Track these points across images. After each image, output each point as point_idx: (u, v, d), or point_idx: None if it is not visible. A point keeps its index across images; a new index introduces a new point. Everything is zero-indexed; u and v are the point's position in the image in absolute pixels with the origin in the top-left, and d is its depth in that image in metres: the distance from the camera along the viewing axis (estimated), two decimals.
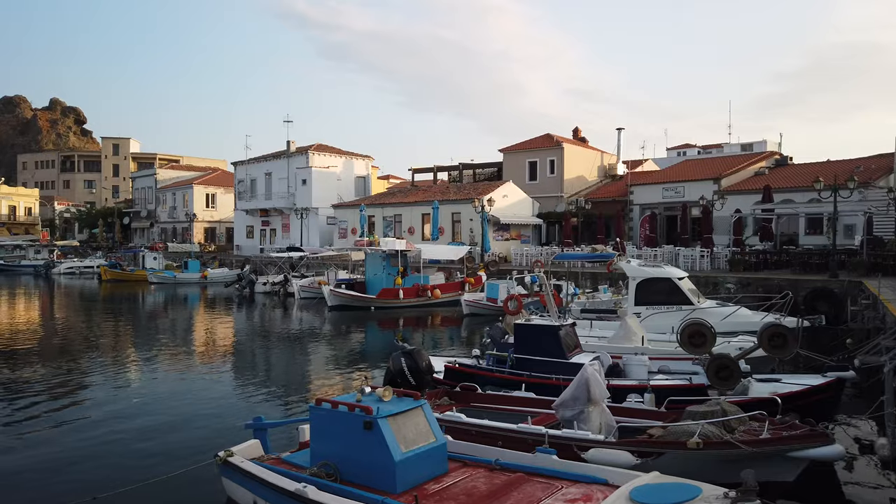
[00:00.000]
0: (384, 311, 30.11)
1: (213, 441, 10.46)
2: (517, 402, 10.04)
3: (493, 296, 28.02)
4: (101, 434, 11.09)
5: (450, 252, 34.44)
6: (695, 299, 17.29)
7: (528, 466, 7.08)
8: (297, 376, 17.20)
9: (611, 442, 7.77)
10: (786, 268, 30.52)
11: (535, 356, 11.52)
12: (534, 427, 8.05)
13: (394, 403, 7.12)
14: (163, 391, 14.61)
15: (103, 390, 14.63)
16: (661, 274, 17.38)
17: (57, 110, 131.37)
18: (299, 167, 56.65)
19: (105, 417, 12.20)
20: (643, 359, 12.16)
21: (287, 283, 36.72)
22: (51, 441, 10.81)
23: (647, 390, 9.85)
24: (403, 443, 6.74)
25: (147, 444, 10.51)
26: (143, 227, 80.00)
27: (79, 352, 20.35)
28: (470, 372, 11.60)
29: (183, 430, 11.45)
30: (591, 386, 8.46)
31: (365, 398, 7.26)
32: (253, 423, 8.51)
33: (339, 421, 7.00)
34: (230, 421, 11.83)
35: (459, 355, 15.78)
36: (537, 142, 54.29)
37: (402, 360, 10.22)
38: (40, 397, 13.84)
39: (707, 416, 7.76)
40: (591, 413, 8.49)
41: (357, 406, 6.92)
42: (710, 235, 35.05)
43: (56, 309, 34.70)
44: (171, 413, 12.52)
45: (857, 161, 43.58)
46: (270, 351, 21.49)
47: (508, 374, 11.24)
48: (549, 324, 11.64)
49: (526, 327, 11.73)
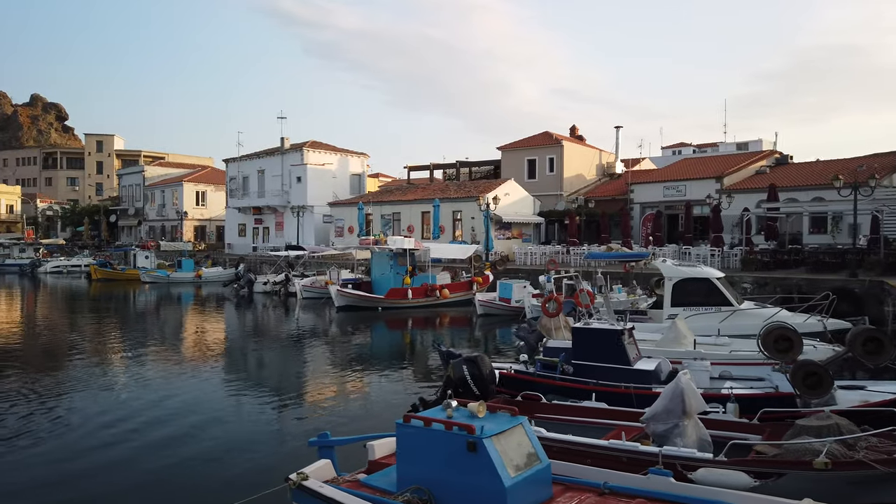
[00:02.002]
0: (392, 311, 29.29)
1: (269, 460, 9.74)
2: (588, 413, 9.30)
3: (505, 296, 27.35)
4: (144, 462, 9.98)
5: (458, 251, 33.69)
6: (734, 300, 16.67)
7: (643, 490, 6.36)
8: (327, 383, 16.10)
9: (722, 461, 7.06)
10: (797, 267, 30.07)
11: (595, 362, 10.80)
12: (645, 447, 7.31)
13: (492, 420, 6.37)
14: (194, 407, 13.21)
15: (127, 409, 13.05)
16: (699, 274, 16.76)
17: (38, 106, 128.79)
18: (294, 164, 55.56)
19: (145, 444, 10.86)
20: (705, 364, 11.49)
21: (288, 282, 35.74)
22: (96, 474, 9.57)
23: (731, 399, 9.16)
24: (511, 466, 5.99)
25: (197, 470, 9.63)
26: (131, 225, 78.30)
27: (87, 363, 18.67)
28: (528, 380, 10.83)
29: (230, 449, 10.51)
30: (686, 397, 7.77)
31: (457, 414, 6.49)
32: (318, 440, 7.70)
33: (433, 441, 6.23)
34: (277, 437, 11.10)
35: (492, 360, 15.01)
36: (536, 140, 53.69)
37: (465, 367, 9.43)
38: (71, 418, 12.48)
39: (823, 431, 7.08)
40: (687, 427, 7.79)
41: (456, 424, 6.15)
42: (720, 234, 34.59)
43: (50, 311, 33.47)
44: (210, 432, 11.49)
45: (857, 160, 43.45)
46: (290, 356, 20.46)
47: (572, 383, 10.48)
48: (611, 327, 10.91)
49: (585, 331, 10.98)
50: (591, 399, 9.71)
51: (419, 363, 18.82)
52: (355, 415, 12.63)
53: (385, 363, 19.10)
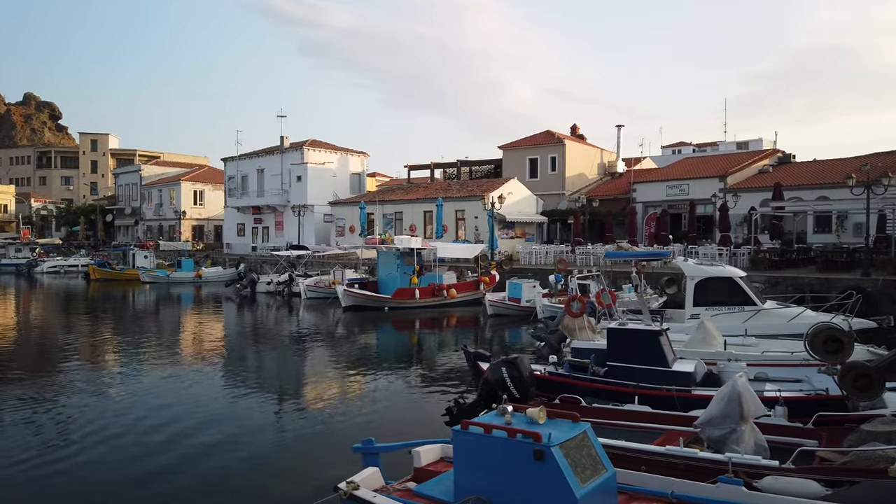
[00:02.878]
0: (399, 311, 28.95)
1: (308, 467, 9.41)
2: (632, 417, 9.00)
3: (515, 296, 27.04)
4: (184, 473, 9.42)
5: (464, 250, 33.36)
6: (757, 299, 16.41)
7: (714, 500, 6.07)
8: (350, 387, 15.42)
9: (789, 469, 6.77)
10: (805, 266, 29.87)
11: (632, 364, 10.50)
12: (713, 455, 7.00)
13: (554, 427, 6.06)
14: (222, 413, 12.70)
15: (160, 417, 12.33)
16: (721, 273, 16.49)
17: (31, 105, 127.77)
18: (294, 163, 55.11)
19: (183, 454, 10.23)
20: (741, 366, 11.21)
21: (292, 282, 35.33)
22: (135, 486, 9.10)
23: (780, 402, 8.88)
24: (580, 475, 5.69)
25: (241, 479, 9.20)
26: (127, 225, 77.61)
27: (105, 368, 18.05)
28: (565, 382, 10.51)
29: (265, 457, 10.07)
30: (744, 401, 7.49)
31: (515, 420, 6.18)
32: (363, 446, 7.37)
33: (495, 449, 5.92)
34: (312, 443, 10.69)
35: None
36: (538, 139, 53.43)
37: (504, 369, 9.11)
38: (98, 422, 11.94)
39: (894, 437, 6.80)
40: (745, 432, 7.50)
41: (520, 431, 5.84)
42: (728, 233, 34.39)
43: (50, 312, 32.96)
44: (244, 439, 10.96)
45: (858, 159, 43.36)
46: (306, 359, 19.92)
47: (612, 385, 10.17)
48: (650, 328, 10.61)
49: (621, 332, 10.68)
50: (634, 402, 9.41)
51: (439, 365, 18.41)
52: (383, 419, 12.27)
53: (404, 365, 18.66)
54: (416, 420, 11.82)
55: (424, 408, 12.96)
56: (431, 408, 12.68)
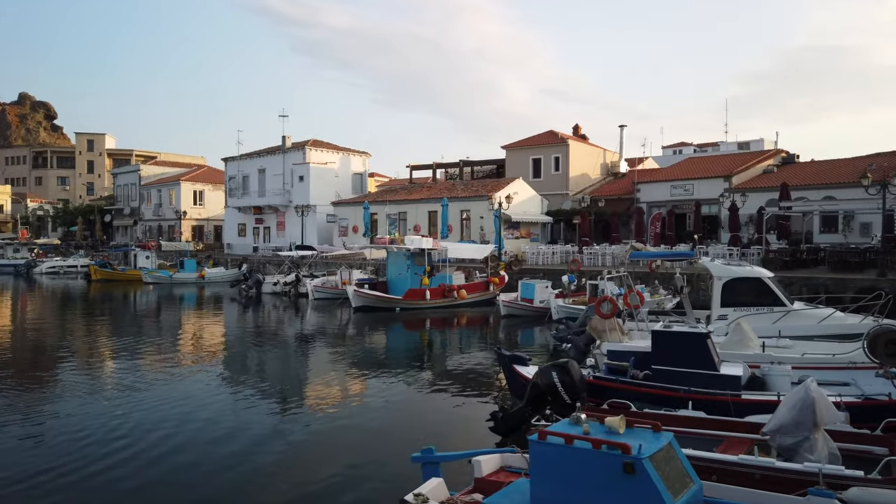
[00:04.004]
0: (410, 312, 28.62)
1: (362, 477, 9.03)
2: (688, 423, 8.69)
3: (528, 296, 26.78)
4: (250, 487, 9.00)
5: (474, 251, 33.05)
6: (787, 300, 16.15)
7: None
8: (376, 392, 14.67)
9: (876, 479, 6.48)
10: (815, 266, 29.63)
11: (678, 367, 10.20)
12: (802, 466, 6.70)
13: (637, 437, 5.75)
14: (252, 422, 12.05)
15: (213, 427, 11.65)
16: (750, 273, 16.20)
17: (26, 105, 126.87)
18: (296, 163, 54.70)
19: (248, 466, 9.69)
20: (786, 368, 10.94)
21: (299, 283, 34.93)
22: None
23: (841, 408, 8.59)
24: (671, 488, 5.39)
25: (300, 489, 8.81)
26: (126, 225, 76.97)
27: (129, 373, 17.37)
28: (611, 386, 10.20)
29: (315, 467, 9.64)
30: (818, 408, 7.20)
31: (594, 429, 5.88)
32: (423, 455, 7.05)
33: (578, 461, 5.61)
34: (359, 450, 10.27)
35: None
36: (541, 138, 53.20)
37: (554, 373, 8.79)
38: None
39: None
40: (818, 440, 7.21)
41: (605, 442, 5.53)
42: (738, 233, 34.18)
43: (54, 314, 32.44)
44: (287, 448, 10.51)
45: (862, 159, 43.27)
46: (327, 362, 18.97)
47: (662, 390, 9.85)
48: (697, 330, 10.31)
49: (667, 334, 10.38)
50: (688, 407, 9.11)
51: (465, 367, 17.87)
52: (422, 426, 11.79)
53: (430, 368, 18.03)
54: (458, 427, 11.43)
55: (463, 413, 12.54)
56: (470, 413, 12.33)
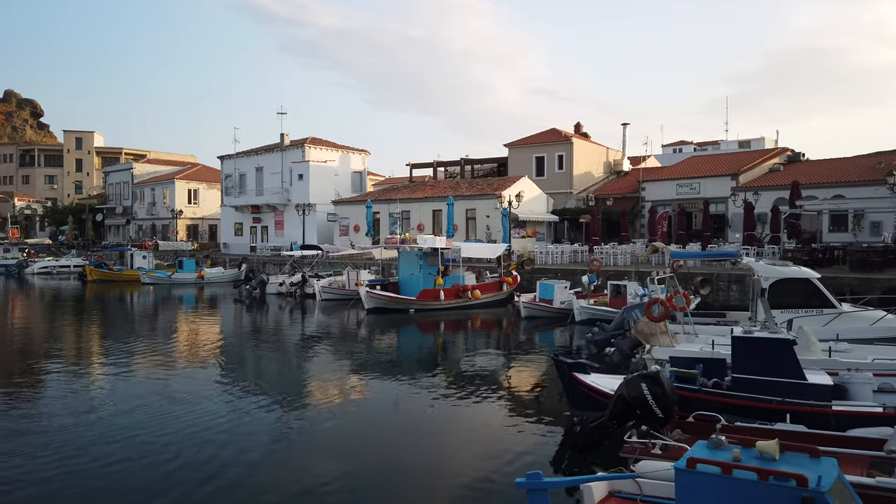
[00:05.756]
0: (424, 313, 27.85)
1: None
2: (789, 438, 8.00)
3: (546, 297, 26.13)
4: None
5: (487, 250, 32.33)
6: (836, 302, 15.58)
7: None
8: (433, 405, 13.65)
9: None
10: (830, 266, 29.13)
11: (761, 375, 9.52)
12: None
13: (798, 464, 5.06)
14: (330, 439, 11.14)
15: (297, 448, 10.73)
16: (798, 274, 15.62)
17: (12, 102, 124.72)
18: (295, 161, 53.74)
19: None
20: (867, 376, 10.32)
21: (305, 283, 34.05)
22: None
23: None
24: None
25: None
26: (118, 224, 75.56)
27: (141, 378, 16.76)
28: (692, 396, 9.50)
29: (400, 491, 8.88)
30: None
31: (746, 456, 5.18)
32: (527, 481, 6.35)
33: (743, 494, 4.93)
34: (441, 471, 9.47)
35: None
36: (544, 136, 52.61)
37: (644, 385, 8.10)
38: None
39: None
40: None
41: (774, 473, 4.83)
42: (753, 232, 33.68)
43: (54, 316, 31.48)
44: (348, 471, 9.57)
45: (869, 157, 43.04)
46: (356, 371, 17.30)
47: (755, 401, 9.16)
48: (782, 336, 9.65)
49: (749, 340, 9.69)
50: (786, 420, 8.43)
51: (510, 373, 17.17)
52: (491, 445, 10.63)
53: (471, 376, 16.56)
54: (528, 443, 10.46)
55: (529, 428, 11.60)
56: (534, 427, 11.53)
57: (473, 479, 9.08)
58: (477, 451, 10.40)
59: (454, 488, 8.89)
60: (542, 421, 11.94)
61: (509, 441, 10.82)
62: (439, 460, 10.13)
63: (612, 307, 23.58)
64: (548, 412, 12.49)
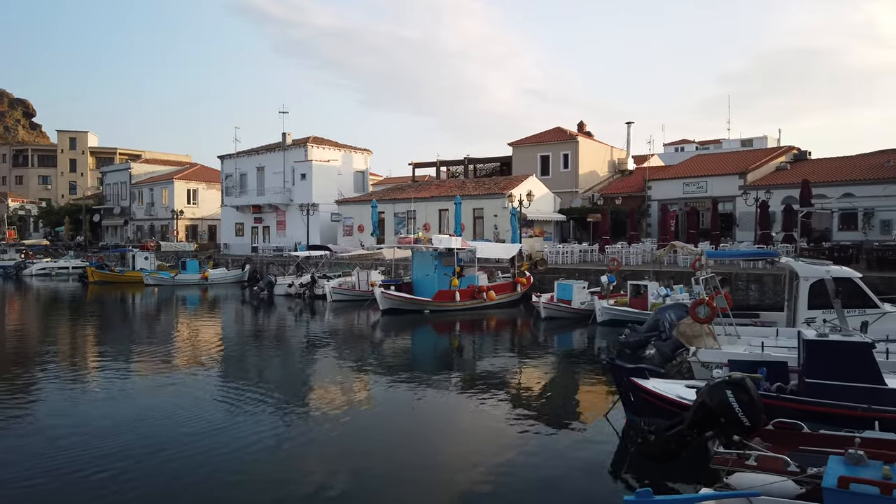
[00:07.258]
0: (439, 314, 27.42)
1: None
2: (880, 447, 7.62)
3: (564, 297, 25.74)
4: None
5: (502, 250, 31.92)
6: (878, 301, 15.26)
7: None
8: (487, 414, 12.88)
9: None
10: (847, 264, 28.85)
11: (841, 381, 9.14)
12: None
13: None
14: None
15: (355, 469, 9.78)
16: (839, 273, 15.28)
17: (4, 102, 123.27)
18: (297, 161, 53.18)
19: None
20: None
21: (314, 284, 33.53)
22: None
23: None
24: None
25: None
26: (116, 225, 74.68)
27: (158, 383, 16.27)
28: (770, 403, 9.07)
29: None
30: None
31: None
32: (638, 499, 5.93)
33: None
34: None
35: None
36: (549, 135, 52.33)
37: (728, 391, 7.69)
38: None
39: None
40: None
41: None
42: (768, 231, 33.37)
43: (58, 319, 30.81)
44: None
45: (881, 155, 42.87)
46: (392, 378, 16.00)
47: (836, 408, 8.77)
48: (861, 340, 9.26)
49: (824, 344, 9.31)
50: (874, 428, 8.05)
51: (551, 377, 16.72)
52: (559, 458, 10.04)
53: (515, 379, 16.11)
54: (598, 452, 10.06)
55: (589, 437, 11.07)
56: (585, 434, 11.13)
57: (541, 487, 8.67)
58: (530, 459, 10.00)
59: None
60: (592, 428, 11.54)
61: (562, 447, 10.45)
62: (502, 469, 9.71)
63: (632, 307, 23.25)
64: (597, 418, 12.09)
